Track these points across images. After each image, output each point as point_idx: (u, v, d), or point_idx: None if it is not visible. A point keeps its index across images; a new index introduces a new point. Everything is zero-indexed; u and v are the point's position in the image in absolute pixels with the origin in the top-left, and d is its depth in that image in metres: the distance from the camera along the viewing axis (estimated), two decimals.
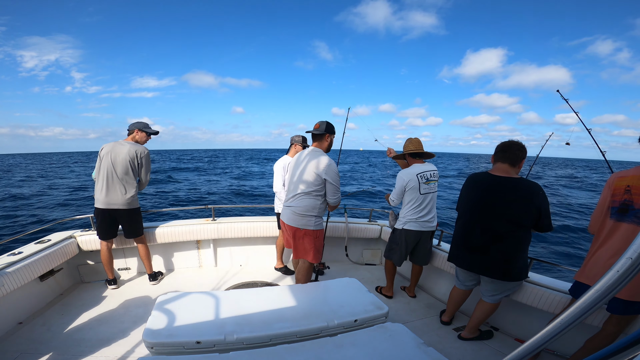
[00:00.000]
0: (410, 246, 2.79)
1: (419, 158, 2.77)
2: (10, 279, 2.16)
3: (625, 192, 1.62)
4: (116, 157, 2.75)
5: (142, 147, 2.88)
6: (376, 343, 1.56)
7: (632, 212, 1.58)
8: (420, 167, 2.70)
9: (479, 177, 2.15)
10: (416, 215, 2.69)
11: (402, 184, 2.69)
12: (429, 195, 2.68)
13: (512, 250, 1.97)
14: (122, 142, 2.84)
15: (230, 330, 1.61)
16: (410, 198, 2.69)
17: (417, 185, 2.64)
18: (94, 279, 3.08)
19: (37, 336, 2.16)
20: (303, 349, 1.50)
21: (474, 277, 2.32)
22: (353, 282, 2.30)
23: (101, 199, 2.76)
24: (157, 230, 3.18)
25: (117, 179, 2.76)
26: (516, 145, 2.01)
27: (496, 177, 2.03)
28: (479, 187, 2.11)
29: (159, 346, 1.53)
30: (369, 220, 3.80)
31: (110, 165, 2.73)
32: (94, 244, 2.96)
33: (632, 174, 1.64)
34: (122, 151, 2.76)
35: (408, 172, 2.69)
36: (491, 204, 2.00)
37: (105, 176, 2.74)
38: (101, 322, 2.36)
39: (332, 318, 1.78)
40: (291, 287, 2.22)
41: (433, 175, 2.70)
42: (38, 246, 2.59)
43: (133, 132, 2.88)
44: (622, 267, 0.51)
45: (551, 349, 2.20)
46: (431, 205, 2.71)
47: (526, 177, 2.63)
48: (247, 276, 3.32)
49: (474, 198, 2.12)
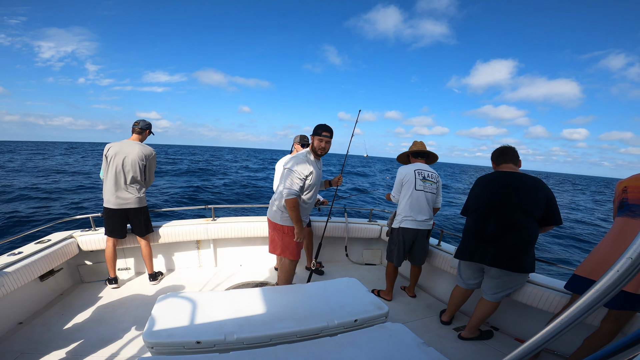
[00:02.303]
0: (408, 245, 2.79)
1: (421, 158, 2.84)
2: (10, 279, 2.16)
3: (622, 192, 1.86)
4: (126, 158, 2.74)
5: (150, 149, 2.88)
6: (376, 343, 1.56)
7: (626, 207, 1.78)
8: (419, 165, 2.76)
9: (489, 175, 2.27)
10: (411, 213, 2.69)
11: (400, 177, 2.76)
12: (425, 194, 2.68)
13: (525, 241, 2.01)
14: (129, 142, 2.82)
15: (230, 330, 1.61)
16: (405, 193, 2.72)
17: (413, 180, 2.67)
18: (94, 279, 3.08)
19: (37, 336, 2.16)
20: (303, 349, 1.50)
21: (478, 275, 2.32)
22: (353, 282, 2.30)
23: (112, 199, 2.76)
24: (157, 230, 3.18)
25: (129, 179, 2.77)
26: (510, 147, 2.25)
27: (505, 172, 2.18)
28: (491, 182, 2.20)
29: (159, 346, 1.53)
30: (369, 220, 3.80)
31: (120, 165, 2.73)
32: (94, 244, 2.96)
33: (629, 178, 1.89)
34: (132, 152, 2.76)
35: (406, 167, 2.77)
36: (505, 194, 2.09)
37: (115, 176, 2.74)
38: (101, 322, 2.36)
39: (332, 318, 1.78)
40: (291, 287, 2.22)
41: (431, 175, 2.71)
42: (38, 246, 2.59)
43: (145, 131, 2.89)
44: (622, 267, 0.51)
45: (551, 349, 2.20)
46: (427, 205, 2.70)
47: None
48: (247, 276, 3.32)
49: (487, 192, 2.18)
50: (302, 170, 2.27)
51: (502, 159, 2.24)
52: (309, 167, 2.31)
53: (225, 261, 3.61)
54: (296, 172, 2.26)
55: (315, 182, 2.40)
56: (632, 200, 1.77)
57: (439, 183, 2.76)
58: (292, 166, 2.28)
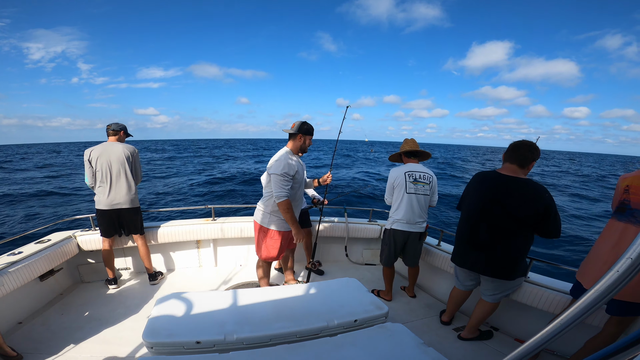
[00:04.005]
0: (399, 246, 2.77)
1: (413, 157, 2.77)
2: (10, 279, 2.16)
3: (624, 192, 1.67)
4: (111, 158, 2.75)
5: (132, 147, 2.90)
6: (376, 343, 1.56)
7: (628, 212, 1.62)
8: (410, 166, 2.70)
9: (487, 175, 2.12)
10: (401, 215, 2.66)
11: (391, 181, 2.71)
12: (417, 196, 2.63)
13: (516, 250, 1.98)
14: (109, 143, 2.83)
15: (230, 330, 1.61)
16: (397, 197, 2.69)
17: (404, 183, 2.63)
18: (94, 279, 3.08)
19: (37, 336, 2.16)
20: (303, 349, 1.50)
21: (474, 277, 2.31)
22: (353, 282, 2.30)
23: (104, 200, 2.76)
24: (157, 230, 3.18)
25: (119, 178, 2.77)
26: (526, 146, 1.95)
27: (503, 175, 2.01)
28: (486, 185, 2.08)
29: (159, 346, 1.53)
30: (369, 220, 3.80)
31: (108, 166, 2.73)
32: (93, 244, 2.96)
33: (633, 175, 1.69)
34: (116, 152, 2.77)
35: (397, 170, 2.71)
36: (498, 201, 1.98)
37: (105, 178, 2.74)
38: (101, 322, 2.36)
39: (332, 318, 1.77)
40: (291, 287, 2.22)
41: (423, 177, 2.65)
42: (38, 246, 2.59)
43: (119, 132, 2.89)
44: (622, 267, 0.51)
45: (551, 349, 2.20)
46: (419, 208, 2.65)
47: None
48: (247, 276, 3.32)
49: (481, 195, 2.09)
50: (288, 171, 2.30)
51: (509, 156, 2.01)
52: (294, 166, 2.34)
53: (225, 261, 3.61)
54: (282, 176, 2.27)
55: (301, 178, 2.47)
56: (635, 205, 1.60)
57: (433, 182, 2.68)
58: (277, 171, 2.28)
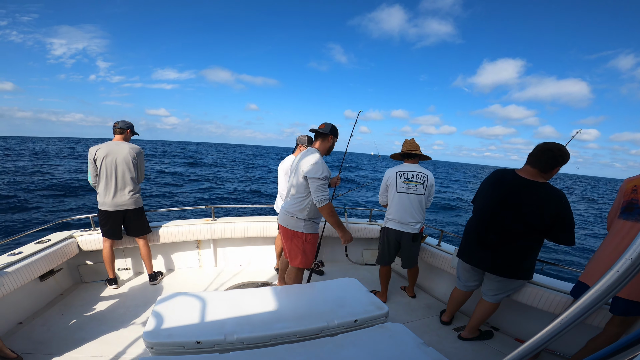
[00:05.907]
0: (392, 245, 2.77)
1: (411, 159, 2.76)
2: (10, 279, 2.16)
3: (632, 192, 1.70)
4: (117, 158, 2.73)
5: (138, 147, 2.88)
6: (376, 343, 1.56)
7: (636, 211, 1.64)
8: (404, 166, 2.71)
9: (504, 175, 2.07)
10: (395, 215, 2.68)
11: (384, 180, 2.76)
12: (408, 195, 2.62)
13: (525, 252, 1.98)
14: (115, 142, 2.80)
15: (231, 330, 1.60)
16: (390, 196, 2.71)
17: (395, 183, 2.65)
18: (94, 279, 3.08)
19: (37, 336, 2.16)
20: (303, 349, 1.50)
21: (477, 277, 2.31)
22: (353, 282, 2.30)
23: (108, 201, 2.74)
24: (158, 230, 3.18)
25: (123, 179, 2.76)
26: (551, 153, 1.85)
27: (521, 178, 1.95)
28: (502, 186, 2.04)
29: (159, 346, 1.53)
30: (369, 220, 3.80)
31: (113, 167, 2.72)
32: (94, 244, 2.96)
33: (639, 176, 1.74)
34: (122, 152, 2.75)
35: (390, 170, 2.75)
36: (511, 205, 1.95)
37: (110, 178, 2.72)
38: (101, 322, 2.36)
39: (332, 318, 1.77)
40: (291, 287, 2.21)
41: (415, 176, 2.64)
42: (38, 246, 2.59)
43: (125, 131, 2.86)
44: (622, 267, 0.51)
45: (552, 349, 2.20)
46: (412, 207, 2.63)
47: None
48: (247, 276, 3.32)
49: (495, 195, 2.05)
50: (328, 174, 2.26)
51: (532, 160, 1.92)
52: (327, 168, 2.31)
53: (225, 261, 3.61)
54: (323, 179, 2.22)
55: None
56: None
57: (427, 182, 2.64)
58: (317, 174, 2.19)
